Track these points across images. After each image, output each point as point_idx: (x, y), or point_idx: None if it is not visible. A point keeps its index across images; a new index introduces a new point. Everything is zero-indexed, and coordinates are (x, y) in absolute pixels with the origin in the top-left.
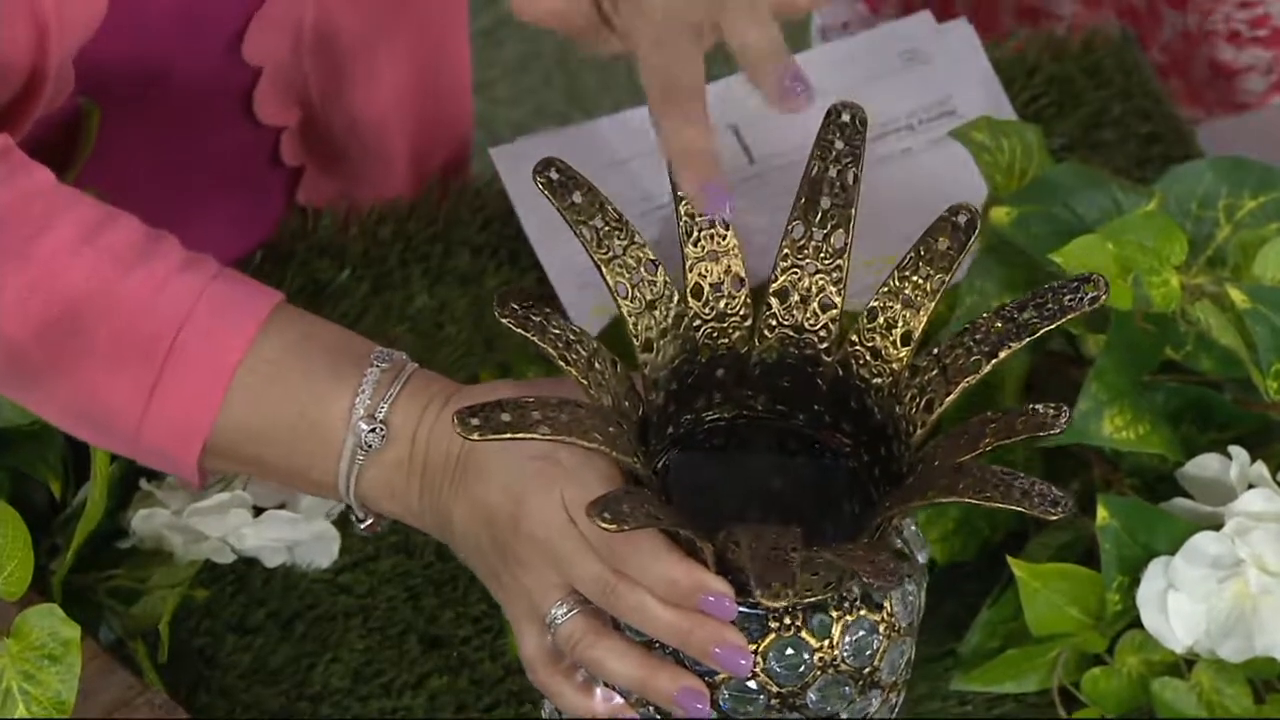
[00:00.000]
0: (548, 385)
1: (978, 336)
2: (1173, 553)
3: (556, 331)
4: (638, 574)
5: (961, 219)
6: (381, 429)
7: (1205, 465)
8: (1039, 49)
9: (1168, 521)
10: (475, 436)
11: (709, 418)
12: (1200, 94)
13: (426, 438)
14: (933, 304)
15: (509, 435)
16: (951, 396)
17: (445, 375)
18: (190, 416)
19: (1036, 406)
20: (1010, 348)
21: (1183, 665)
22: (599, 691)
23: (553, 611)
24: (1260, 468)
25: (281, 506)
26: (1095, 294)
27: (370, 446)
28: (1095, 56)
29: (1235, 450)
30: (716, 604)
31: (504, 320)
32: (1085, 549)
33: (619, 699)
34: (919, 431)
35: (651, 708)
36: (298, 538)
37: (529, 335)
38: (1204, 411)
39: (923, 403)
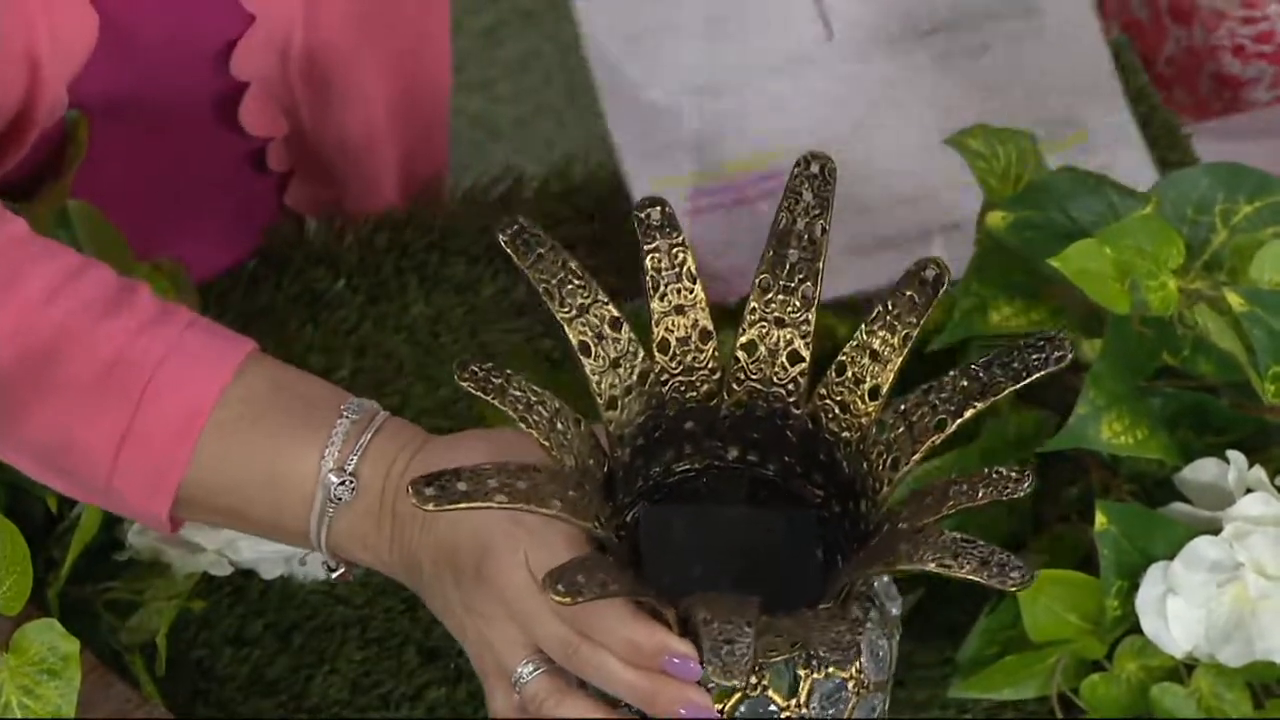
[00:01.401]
0: (515, 440)
1: (943, 395)
2: (1171, 558)
3: (517, 394)
4: (601, 636)
5: (929, 274)
6: (351, 481)
7: (1203, 470)
8: None
9: (1166, 526)
10: (431, 507)
11: (679, 469)
12: (1205, 106)
13: (395, 488)
14: (900, 358)
15: (465, 505)
16: (917, 456)
17: (442, 384)
18: (160, 468)
19: (1000, 469)
20: (975, 407)
21: (1182, 670)
22: None
23: (519, 670)
24: (1258, 472)
25: None
26: (1060, 354)
27: (340, 499)
28: None
29: (1233, 455)
30: (681, 666)
31: (464, 384)
32: (1084, 556)
33: None
34: (885, 489)
35: None
36: (294, 550)
37: (489, 399)
38: (1202, 416)
39: (889, 460)
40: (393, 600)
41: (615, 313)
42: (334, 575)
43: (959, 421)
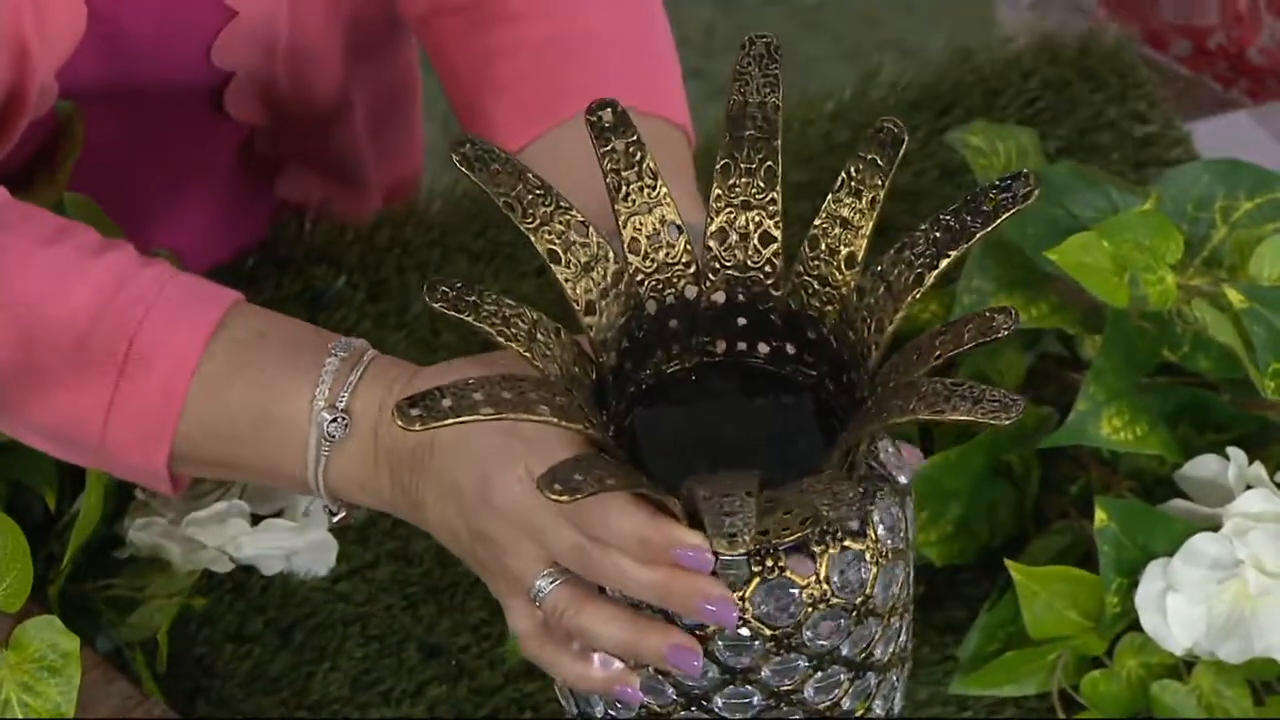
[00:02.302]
0: (504, 362)
1: (918, 249)
2: (1171, 554)
3: (492, 309)
4: (610, 536)
5: (888, 134)
6: (344, 418)
7: (1203, 466)
8: (1035, 52)
9: (1166, 523)
10: (417, 427)
11: (669, 370)
12: None
13: (390, 424)
14: (871, 222)
15: (452, 420)
16: (900, 313)
17: None
18: (152, 419)
19: (984, 311)
20: (950, 255)
21: (1182, 667)
22: (596, 658)
23: (536, 584)
24: (1258, 469)
25: (279, 515)
26: (1027, 189)
27: (334, 437)
28: (1091, 60)
29: (1233, 451)
30: (694, 557)
31: (436, 305)
32: (1084, 553)
33: (618, 664)
34: (874, 354)
35: (650, 668)
36: (295, 546)
37: (463, 316)
38: (1202, 413)
39: (873, 325)
40: (394, 597)
41: (580, 218)
42: (335, 519)
43: (935, 273)
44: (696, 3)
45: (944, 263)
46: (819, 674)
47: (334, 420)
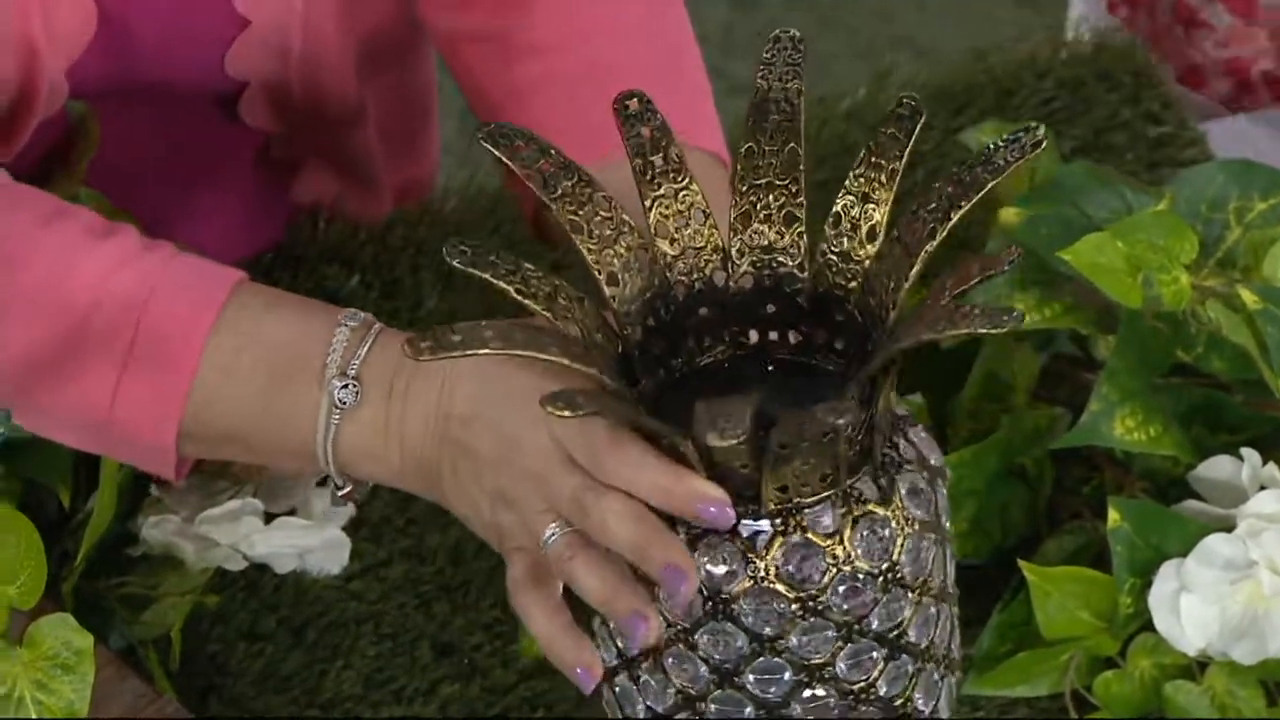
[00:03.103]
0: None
1: (930, 207)
2: (1184, 555)
3: (510, 267)
4: (627, 483)
5: (906, 109)
6: (355, 385)
7: (1217, 467)
8: (1049, 53)
9: (1179, 523)
10: (425, 357)
11: (702, 361)
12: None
13: (404, 394)
14: (891, 194)
15: (460, 353)
16: (916, 268)
17: None
18: (161, 395)
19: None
20: (961, 208)
21: (1195, 668)
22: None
23: (546, 533)
24: (1272, 469)
25: (292, 513)
26: (1035, 140)
27: (344, 404)
28: (1105, 60)
29: (1247, 452)
30: (716, 513)
31: (454, 262)
32: (1098, 553)
33: (584, 639)
34: (891, 314)
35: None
36: (309, 544)
37: (482, 274)
38: (1215, 414)
39: (892, 285)
40: (406, 596)
41: (603, 193)
42: (340, 493)
43: (949, 224)
44: (714, 2)
45: (955, 215)
46: (849, 646)
47: (344, 387)
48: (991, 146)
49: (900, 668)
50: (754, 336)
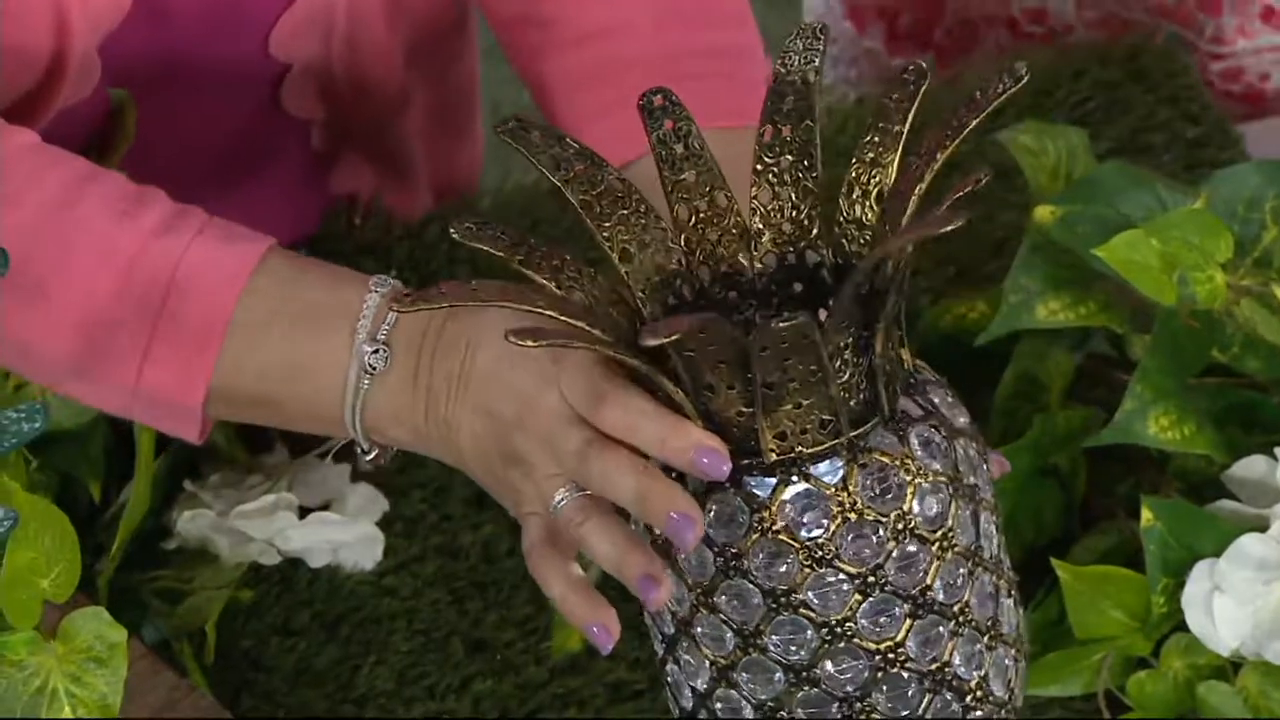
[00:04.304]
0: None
1: (921, 151)
2: (1218, 555)
3: (513, 241)
4: (626, 431)
5: (911, 74)
6: (385, 350)
7: (1251, 467)
8: (1085, 53)
9: (1212, 523)
10: (407, 308)
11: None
12: None
13: (431, 356)
14: (897, 155)
15: (443, 305)
16: (909, 211)
17: None
18: (190, 358)
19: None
20: (947, 148)
21: (1229, 668)
22: (580, 587)
23: (556, 497)
24: None
25: (326, 507)
26: (1018, 75)
27: (374, 369)
28: (1142, 61)
29: None
30: (711, 462)
31: (457, 234)
32: (1131, 553)
33: (599, 598)
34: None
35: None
36: (343, 539)
37: (484, 246)
38: (1250, 414)
39: (890, 233)
40: (440, 592)
41: (616, 174)
42: (367, 459)
43: (935, 165)
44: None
45: (942, 154)
46: (867, 601)
47: (375, 351)
48: (978, 91)
49: (930, 627)
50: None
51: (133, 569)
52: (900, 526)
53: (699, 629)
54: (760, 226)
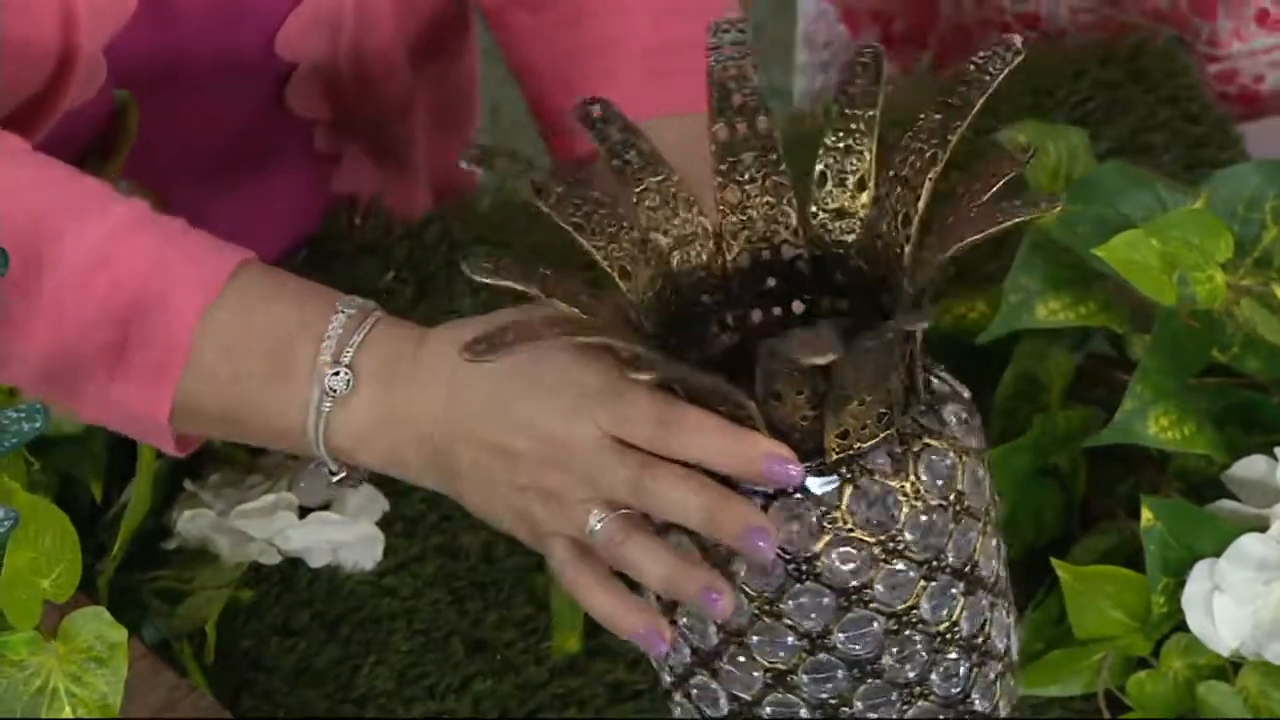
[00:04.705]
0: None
1: (924, 135)
2: (1218, 555)
3: (524, 274)
4: (697, 450)
5: (867, 58)
6: (347, 374)
7: (1251, 467)
8: (1086, 53)
9: (1213, 523)
10: (484, 357)
11: (711, 352)
12: None
13: (407, 385)
14: (872, 141)
15: (514, 350)
16: (922, 200)
17: None
18: (155, 371)
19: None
20: (958, 128)
21: (1229, 668)
22: (626, 598)
23: (590, 522)
24: None
25: (326, 507)
26: (1014, 50)
27: (335, 391)
28: (1142, 61)
29: None
30: (782, 469)
31: (477, 276)
32: (1131, 553)
33: (647, 607)
34: (907, 249)
35: (685, 619)
36: (343, 539)
37: (505, 283)
38: (1250, 413)
39: (899, 220)
40: (440, 592)
41: (597, 195)
42: (335, 479)
43: (950, 146)
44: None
45: (952, 138)
46: (931, 585)
47: (336, 374)
48: (973, 65)
49: (977, 603)
50: (757, 316)
51: (133, 569)
52: (959, 507)
53: (755, 638)
54: (731, 226)
